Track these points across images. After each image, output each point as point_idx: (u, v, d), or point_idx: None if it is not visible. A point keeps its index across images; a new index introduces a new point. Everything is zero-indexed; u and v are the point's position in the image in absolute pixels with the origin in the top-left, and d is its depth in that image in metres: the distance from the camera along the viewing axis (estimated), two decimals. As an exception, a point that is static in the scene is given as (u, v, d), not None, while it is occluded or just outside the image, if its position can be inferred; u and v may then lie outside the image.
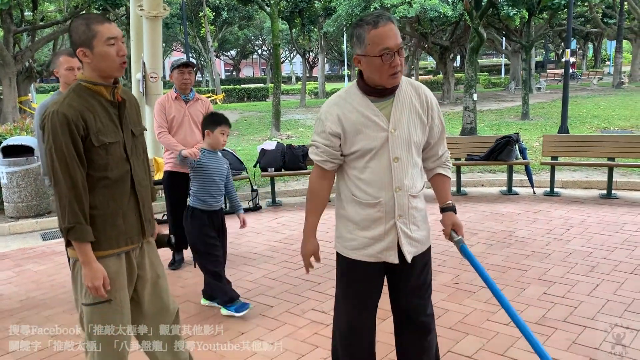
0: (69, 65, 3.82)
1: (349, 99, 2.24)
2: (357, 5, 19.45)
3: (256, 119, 19.27)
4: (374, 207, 2.22)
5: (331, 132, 2.22)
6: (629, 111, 15.65)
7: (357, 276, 2.33)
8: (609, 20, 29.92)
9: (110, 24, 2.09)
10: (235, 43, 48.24)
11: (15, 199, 6.61)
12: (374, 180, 2.20)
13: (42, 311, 3.97)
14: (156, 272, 2.35)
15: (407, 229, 2.24)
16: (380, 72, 2.10)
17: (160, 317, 2.36)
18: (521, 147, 7.20)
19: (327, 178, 2.33)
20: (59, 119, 2.01)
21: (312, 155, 2.32)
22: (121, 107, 2.19)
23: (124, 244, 2.19)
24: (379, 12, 2.16)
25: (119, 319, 2.19)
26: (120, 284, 2.19)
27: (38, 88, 41.00)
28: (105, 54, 2.07)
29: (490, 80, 35.48)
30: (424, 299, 2.38)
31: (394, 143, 2.18)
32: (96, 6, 15.96)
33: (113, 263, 2.16)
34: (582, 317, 3.50)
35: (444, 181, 2.38)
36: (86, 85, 2.12)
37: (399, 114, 2.19)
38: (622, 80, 25.57)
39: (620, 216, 5.86)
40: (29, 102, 20.87)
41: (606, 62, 45.83)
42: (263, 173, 7.10)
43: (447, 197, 2.37)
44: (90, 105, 2.09)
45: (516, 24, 17.67)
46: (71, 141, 2.02)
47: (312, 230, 2.38)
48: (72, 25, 2.12)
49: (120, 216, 2.16)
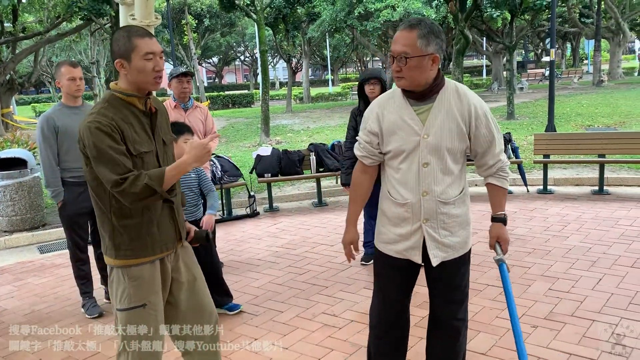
0: (71, 75, 3.82)
1: (393, 100, 2.30)
2: (341, 10, 19.60)
3: (243, 125, 19.24)
4: (402, 206, 2.29)
5: (370, 130, 2.32)
6: (611, 109, 15.95)
7: (385, 270, 2.43)
8: (586, 20, 30.50)
9: (151, 39, 2.12)
10: (218, 50, 48.17)
11: (9, 212, 6.52)
12: (404, 181, 2.27)
13: (49, 324, 3.93)
14: (192, 274, 2.39)
15: (436, 233, 2.27)
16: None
17: (197, 318, 2.39)
18: (513, 147, 7.30)
19: (368, 172, 2.42)
20: (98, 127, 2.03)
21: (355, 150, 2.43)
22: (153, 117, 2.22)
23: (159, 252, 2.23)
24: (411, 19, 2.22)
25: (152, 321, 2.23)
26: (155, 289, 2.23)
27: (18, 100, 40.49)
28: (142, 68, 2.10)
29: (472, 81, 35.88)
30: (456, 304, 2.39)
31: (425, 148, 2.21)
32: (80, 15, 15.81)
33: (147, 270, 2.21)
34: (589, 311, 3.58)
35: (496, 191, 2.37)
36: (119, 96, 2.15)
37: (433, 120, 2.20)
38: (601, 79, 26.03)
39: (614, 211, 5.98)
40: (11, 115, 20.61)
41: (584, 61, 46.62)
42: (260, 179, 7.11)
43: (497, 208, 2.38)
44: (124, 115, 2.12)
45: (499, 25, 17.94)
46: (114, 142, 2.04)
47: (352, 219, 2.48)
48: (114, 36, 2.15)
49: (155, 224, 2.19)
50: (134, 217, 2.15)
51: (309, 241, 5.62)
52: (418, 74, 2.15)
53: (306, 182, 8.40)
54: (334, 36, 34.10)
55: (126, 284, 2.19)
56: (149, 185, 2.01)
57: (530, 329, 3.38)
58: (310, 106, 28.66)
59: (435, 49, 2.15)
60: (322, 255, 5.06)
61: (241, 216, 6.94)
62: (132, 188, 1.99)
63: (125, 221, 2.14)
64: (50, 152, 3.82)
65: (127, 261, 2.18)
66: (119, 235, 2.16)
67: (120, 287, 2.20)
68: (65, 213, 3.95)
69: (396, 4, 18.46)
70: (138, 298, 2.19)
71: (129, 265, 2.19)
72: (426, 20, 2.18)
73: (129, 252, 2.16)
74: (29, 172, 6.60)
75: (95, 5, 15.05)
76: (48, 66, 33.38)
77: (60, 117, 3.85)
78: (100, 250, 4.17)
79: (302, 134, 15.44)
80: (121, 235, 2.16)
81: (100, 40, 28.90)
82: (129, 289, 2.19)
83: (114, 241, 2.17)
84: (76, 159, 3.87)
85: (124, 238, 2.16)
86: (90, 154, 2.05)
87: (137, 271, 2.18)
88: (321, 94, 34.31)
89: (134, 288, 2.19)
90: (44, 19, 19.44)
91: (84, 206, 3.91)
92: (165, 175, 2.05)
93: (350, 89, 33.81)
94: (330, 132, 15.19)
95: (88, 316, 4.01)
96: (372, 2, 19.08)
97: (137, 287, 2.19)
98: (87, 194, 3.89)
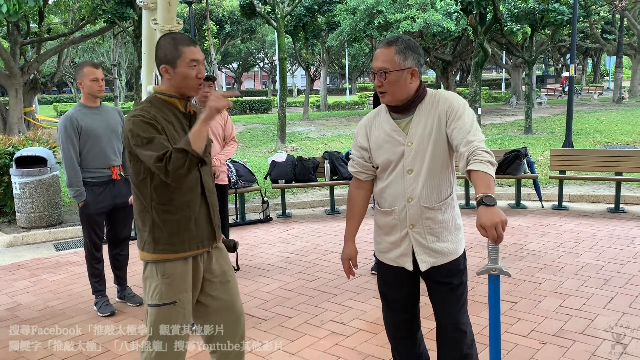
0: (94, 76, 3.90)
1: (379, 116, 2.43)
2: (360, 20, 19.65)
3: (260, 131, 19.36)
4: (390, 214, 2.38)
5: (361, 145, 2.45)
6: (630, 126, 15.77)
7: (385, 278, 2.52)
8: (608, 36, 30.23)
9: (196, 47, 2.24)
10: (237, 56, 48.57)
11: (28, 209, 6.65)
12: (390, 189, 2.36)
13: (62, 320, 4.00)
14: (225, 275, 2.46)
15: (423, 238, 2.33)
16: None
17: (227, 319, 2.45)
18: (529, 161, 7.27)
19: (363, 188, 2.50)
20: (142, 119, 2.13)
21: (349, 167, 2.52)
22: (192, 119, 2.32)
23: (195, 248, 2.32)
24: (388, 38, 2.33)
25: (180, 320, 2.31)
26: (185, 287, 2.31)
27: (40, 99, 41.19)
28: (186, 75, 2.22)
29: (491, 94, 35.72)
30: (455, 313, 2.39)
31: (409, 156, 2.30)
32: (104, 18, 16.10)
33: (180, 267, 2.29)
34: (600, 329, 3.54)
35: (474, 176, 2.10)
36: (161, 97, 2.27)
37: (415, 128, 2.30)
38: (622, 96, 25.75)
39: (629, 230, 5.91)
40: (33, 113, 20.97)
41: (605, 77, 46.18)
42: (274, 185, 7.16)
43: (477, 190, 2.06)
44: (165, 114, 2.23)
45: (518, 39, 17.85)
46: (157, 131, 2.14)
47: (350, 235, 2.52)
48: (160, 42, 2.24)
49: (193, 221, 2.29)
50: (174, 213, 2.25)
51: (320, 248, 5.64)
52: (398, 88, 2.25)
53: (319, 190, 8.43)
54: (352, 45, 34.26)
55: (159, 281, 2.27)
56: (177, 149, 2.06)
57: (539, 345, 3.36)
58: (327, 114, 28.75)
59: (413, 63, 2.24)
60: (333, 263, 5.08)
61: (254, 221, 6.99)
62: (171, 159, 2.06)
63: (165, 216, 2.25)
64: (73, 152, 3.88)
65: (164, 256, 2.27)
66: (158, 230, 2.25)
67: (154, 283, 2.29)
68: (87, 212, 4.01)
69: (416, 15, 18.48)
70: (169, 295, 2.27)
71: (164, 260, 2.27)
72: (403, 36, 2.30)
73: (167, 247, 2.26)
74: (49, 170, 6.72)
75: (119, 8, 15.34)
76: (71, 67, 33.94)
77: (82, 117, 3.92)
78: (116, 250, 4.27)
79: (318, 142, 15.49)
80: (161, 230, 2.25)
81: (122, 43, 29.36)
82: (161, 285, 2.27)
83: (154, 235, 2.26)
84: (97, 160, 3.96)
85: (164, 233, 2.25)
86: (135, 143, 2.13)
87: (171, 268, 2.27)
88: (338, 102, 34.40)
89: (165, 285, 2.27)
90: (69, 21, 19.83)
91: (103, 206, 4.01)
92: (190, 137, 2.09)
93: (367, 98, 33.83)
94: (346, 140, 15.22)
95: (100, 314, 4.08)
96: (392, 13, 19.13)
97: (169, 284, 2.27)
98: (105, 194, 4.01)
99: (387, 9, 19.18)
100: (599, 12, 22.29)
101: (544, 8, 15.00)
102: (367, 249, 4.99)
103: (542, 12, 15.24)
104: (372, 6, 19.29)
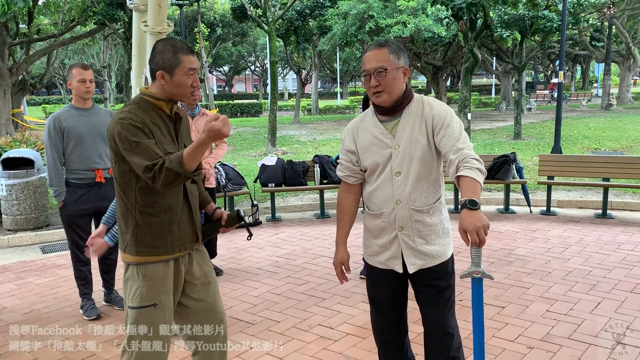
0: (81, 77, 3.88)
1: (365, 119, 2.44)
2: (352, 25, 19.71)
3: (251, 135, 19.32)
4: (379, 217, 2.40)
5: (348, 149, 2.47)
6: (618, 133, 15.92)
7: (374, 281, 2.52)
8: (596, 44, 30.58)
9: (193, 56, 2.23)
10: (229, 59, 48.53)
11: (14, 211, 6.58)
12: (379, 192, 2.37)
13: (47, 324, 3.95)
14: (206, 277, 2.46)
15: (411, 241, 2.35)
16: (367, 90, 2.33)
17: (208, 320, 2.44)
18: (518, 167, 7.31)
19: (351, 192, 2.51)
20: (130, 122, 2.11)
21: (337, 172, 2.53)
22: (177, 122, 2.33)
23: (177, 250, 2.32)
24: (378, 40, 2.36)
25: (161, 321, 2.30)
26: (166, 289, 2.30)
27: (29, 100, 40.85)
28: (182, 83, 2.21)
29: (481, 100, 35.95)
30: (442, 316, 2.41)
31: (397, 158, 2.32)
32: (94, 20, 16.01)
33: (161, 269, 2.28)
34: (586, 334, 3.56)
35: (462, 182, 2.12)
36: (149, 99, 2.25)
37: (402, 131, 2.32)
38: (610, 102, 26.02)
39: (616, 236, 5.96)
40: (21, 115, 20.78)
41: (594, 84, 46.63)
42: (263, 188, 7.14)
43: (462, 196, 2.07)
44: (152, 117, 2.21)
45: (508, 45, 18.00)
46: (145, 135, 2.12)
47: (341, 240, 2.52)
48: (158, 47, 2.20)
49: (176, 224, 2.29)
50: (158, 216, 2.24)
51: (309, 252, 5.63)
52: (395, 87, 2.28)
53: (309, 194, 8.43)
54: (344, 50, 34.32)
55: (140, 282, 2.26)
56: (169, 168, 2.05)
57: (526, 350, 3.37)
58: (318, 118, 28.78)
59: (404, 62, 2.31)
60: (322, 267, 5.07)
61: (243, 225, 6.95)
62: (160, 172, 2.05)
63: (149, 219, 2.23)
64: (56, 152, 3.88)
65: (147, 258, 2.26)
66: (141, 232, 2.24)
67: (135, 285, 2.27)
68: (65, 213, 4.01)
69: (407, 20, 18.57)
70: (150, 297, 2.26)
71: (146, 262, 2.26)
72: (391, 39, 2.36)
73: (150, 249, 2.25)
74: (36, 172, 6.66)
75: (109, 10, 15.27)
76: (60, 68, 33.72)
77: (67, 118, 3.90)
78: (104, 254, 4.22)
79: (309, 145, 15.49)
80: (144, 233, 2.24)
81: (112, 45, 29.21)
82: (142, 287, 2.26)
83: (137, 237, 2.24)
84: (80, 161, 3.93)
85: (147, 235, 2.24)
86: (123, 147, 2.11)
87: (152, 270, 2.26)
88: (329, 107, 34.46)
89: (146, 287, 2.26)
90: (59, 22, 19.69)
91: (85, 208, 3.97)
92: (183, 157, 2.06)
93: (359, 102, 33.93)
94: (337, 144, 15.23)
95: (86, 317, 4.04)
96: (384, 18, 19.22)
97: (150, 286, 2.26)
98: (88, 196, 3.98)
99: (378, 14, 19.28)
100: (588, 19, 22.57)
101: (534, 15, 15.14)
102: (356, 252, 4.99)
103: (531, 18, 15.39)
104: (364, 11, 19.37)
